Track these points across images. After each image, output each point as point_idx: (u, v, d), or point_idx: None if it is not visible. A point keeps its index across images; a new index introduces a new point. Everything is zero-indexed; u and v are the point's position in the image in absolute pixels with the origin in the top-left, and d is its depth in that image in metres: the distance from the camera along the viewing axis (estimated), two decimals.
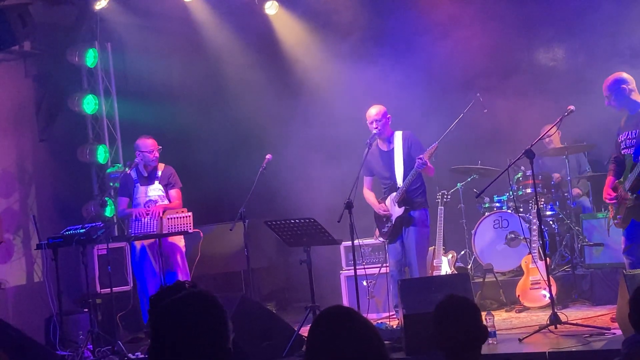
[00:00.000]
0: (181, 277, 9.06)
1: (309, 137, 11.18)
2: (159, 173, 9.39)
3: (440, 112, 10.55)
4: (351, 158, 9.52)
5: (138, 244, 9.31)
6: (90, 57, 11.25)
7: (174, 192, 9.37)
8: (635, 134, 7.36)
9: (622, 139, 7.51)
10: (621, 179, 7.48)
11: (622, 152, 7.53)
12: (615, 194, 7.52)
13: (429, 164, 8.36)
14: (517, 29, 11.21)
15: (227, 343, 2.63)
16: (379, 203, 8.72)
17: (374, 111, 8.60)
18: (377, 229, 8.85)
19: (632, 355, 3.92)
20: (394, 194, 8.55)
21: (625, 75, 7.56)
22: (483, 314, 5.78)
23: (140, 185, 9.36)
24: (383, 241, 8.89)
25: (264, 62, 11.72)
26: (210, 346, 2.57)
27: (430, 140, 8.50)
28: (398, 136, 8.64)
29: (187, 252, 9.43)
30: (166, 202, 9.28)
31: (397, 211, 8.53)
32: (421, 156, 8.24)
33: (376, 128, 8.53)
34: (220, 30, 11.63)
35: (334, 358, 2.71)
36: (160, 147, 9.32)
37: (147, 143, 9.28)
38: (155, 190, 9.32)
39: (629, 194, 7.29)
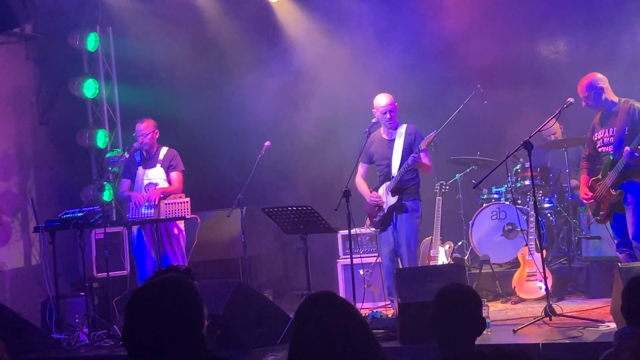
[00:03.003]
0: (176, 263, 9.06)
1: (308, 124, 11.19)
2: (161, 156, 9.38)
3: (441, 102, 10.56)
4: (350, 146, 9.52)
5: (135, 229, 9.31)
6: (92, 41, 11.27)
7: (175, 175, 9.33)
8: (613, 132, 7.60)
9: (599, 137, 7.78)
10: (598, 176, 7.67)
11: (599, 149, 7.80)
12: (592, 194, 7.73)
13: (422, 160, 8.35)
14: (520, 21, 11.17)
15: (201, 329, 2.63)
16: (371, 192, 8.70)
17: (386, 100, 8.48)
18: (367, 218, 8.83)
19: (623, 347, 3.93)
20: (388, 182, 8.54)
21: (599, 75, 7.77)
22: None
23: (143, 167, 9.36)
24: (375, 230, 8.89)
25: (265, 48, 11.69)
26: (184, 331, 2.57)
27: (430, 131, 8.48)
28: (403, 128, 8.58)
29: (184, 237, 9.42)
30: (167, 185, 9.27)
31: (390, 200, 8.50)
32: (414, 155, 8.23)
33: (390, 119, 8.48)
34: (221, 15, 11.62)
35: (318, 341, 2.72)
36: (157, 130, 9.31)
37: (138, 127, 9.31)
38: (156, 172, 9.29)
39: (612, 190, 7.50)
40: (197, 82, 11.63)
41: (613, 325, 6.59)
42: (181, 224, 9.31)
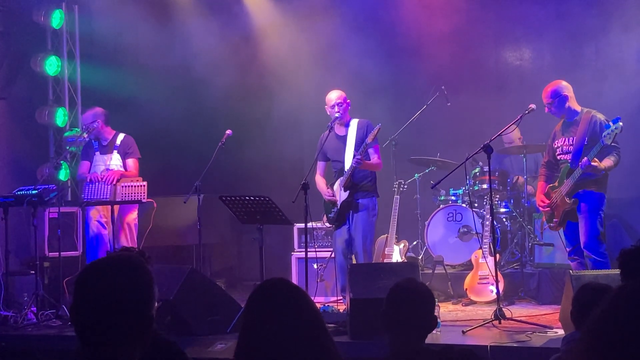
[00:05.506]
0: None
1: (271, 115, 11.16)
2: (118, 142, 9.32)
3: (404, 101, 10.58)
4: (311, 138, 9.51)
5: (94, 216, 9.20)
6: (57, 18, 11.14)
7: (131, 162, 9.28)
8: (573, 141, 7.70)
9: (559, 145, 7.87)
10: (555, 184, 7.76)
11: (558, 157, 7.91)
12: (548, 202, 7.79)
13: (370, 160, 8.36)
14: (486, 26, 11.25)
15: (151, 310, 2.59)
16: (327, 188, 8.70)
17: (335, 95, 8.55)
18: (324, 215, 8.82)
19: (570, 352, 3.97)
20: (342, 177, 8.54)
21: (565, 83, 7.88)
22: None
23: (100, 153, 9.30)
24: (330, 226, 8.89)
25: (232, 34, 11.62)
26: (131, 309, 2.53)
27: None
28: (354, 123, 8.60)
29: (138, 223, 9.36)
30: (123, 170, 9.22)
31: (342, 195, 8.50)
32: (357, 157, 8.24)
33: (338, 112, 8.50)
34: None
35: (269, 325, 2.71)
36: (101, 117, 9.23)
37: (82, 120, 9.29)
38: (113, 159, 9.23)
39: (567, 198, 7.57)
40: (162, 65, 11.52)
41: (561, 332, 6.66)
42: (134, 213, 9.27)
